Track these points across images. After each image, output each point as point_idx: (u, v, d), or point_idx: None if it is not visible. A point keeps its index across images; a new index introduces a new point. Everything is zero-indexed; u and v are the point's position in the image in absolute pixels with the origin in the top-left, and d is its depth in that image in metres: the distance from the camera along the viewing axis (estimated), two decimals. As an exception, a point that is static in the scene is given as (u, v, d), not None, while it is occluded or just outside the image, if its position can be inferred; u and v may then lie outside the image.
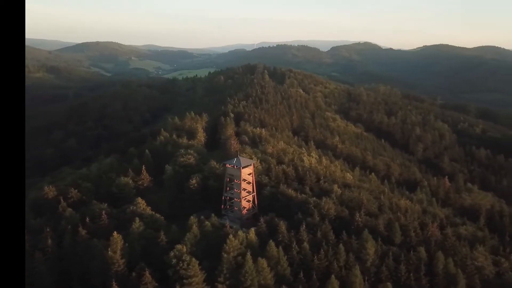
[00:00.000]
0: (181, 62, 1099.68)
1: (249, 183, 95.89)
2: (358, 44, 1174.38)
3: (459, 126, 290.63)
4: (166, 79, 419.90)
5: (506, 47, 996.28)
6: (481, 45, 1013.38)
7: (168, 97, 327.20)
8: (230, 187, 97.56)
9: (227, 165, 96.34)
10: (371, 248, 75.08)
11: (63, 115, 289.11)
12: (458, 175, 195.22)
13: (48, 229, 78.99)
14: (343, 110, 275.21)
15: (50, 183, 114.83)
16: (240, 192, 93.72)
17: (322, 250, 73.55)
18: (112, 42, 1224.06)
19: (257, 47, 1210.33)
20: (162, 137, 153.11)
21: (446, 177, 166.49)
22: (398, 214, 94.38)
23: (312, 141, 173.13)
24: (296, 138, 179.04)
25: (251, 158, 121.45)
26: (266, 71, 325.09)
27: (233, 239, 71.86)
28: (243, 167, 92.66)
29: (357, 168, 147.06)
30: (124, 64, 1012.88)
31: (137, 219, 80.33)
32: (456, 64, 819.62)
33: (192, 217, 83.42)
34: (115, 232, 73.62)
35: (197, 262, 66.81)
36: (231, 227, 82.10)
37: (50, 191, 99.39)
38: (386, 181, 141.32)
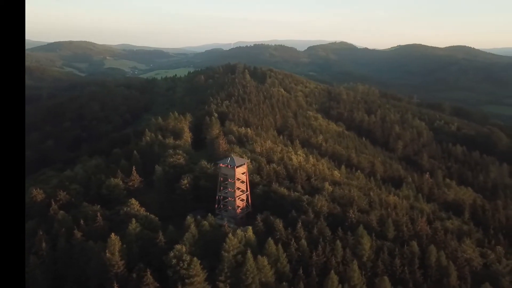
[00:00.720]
0: (157, 62, 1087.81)
1: (242, 182, 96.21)
2: (334, 43, 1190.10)
3: (435, 124, 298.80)
4: (145, 79, 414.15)
5: (476, 47, 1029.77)
6: (452, 45, 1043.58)
7: (147, 97, 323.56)
8: (224, 187, 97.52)
9: (221, 165, 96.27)
10: (366, 243, 76.76)
11: (38, 116, 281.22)
12: (437, 171, 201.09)
13: (41, 232, 77.14)
14: (324, 109, 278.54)
15: (33, 185, 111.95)
16: (235, 191, 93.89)
17: (320, 247, 74.60)
18: (85, 41, 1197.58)
19: (234, 47, 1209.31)
20: (147, 138, 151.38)
21: (428, 173, 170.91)
22: (389, 210, 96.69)
23: (297, 140, 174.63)
24: (281, 137, 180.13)
25: (242, 158, 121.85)
26: (247, 70, 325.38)
27: (232, 237, 72.06)
28: (237, 166, 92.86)
29: (343, 166, 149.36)
30: (99, 64, 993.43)
31: (133, 220, 79.42)
32: (430, 64, 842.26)
33: (188, 216, 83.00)
34: (112, 233, 72.57)
35: (199, 261, 66.56)
36: (229, 226, 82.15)
37: (38, 193, 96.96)
38: (372, 178, 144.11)
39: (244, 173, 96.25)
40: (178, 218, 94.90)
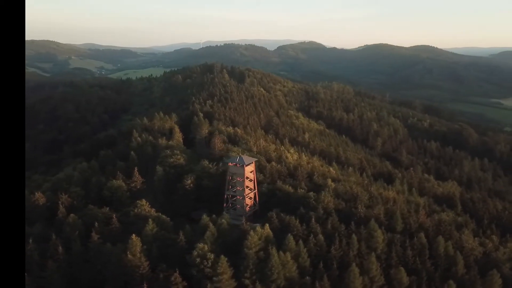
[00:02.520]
0: (125, 62, 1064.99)
1: (250, 180, 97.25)
2: (303, 43, 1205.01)
3: (409, 121, 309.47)
4: (119, 79, 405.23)
5: (439, 47, 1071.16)
6: (416, 44, 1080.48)
7: (124, 97, 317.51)
8: (232, 185, 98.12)
9: (230, 164, 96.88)
10: (380, 236, 79.69)
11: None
12: (417, 167, 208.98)
13: (54, 237, 75.27)
14: (304, 108, 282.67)
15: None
16: (244, 189, 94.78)
17: (337, 241, 76.81)
18: (48, 40, 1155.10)
19: (203, 46, 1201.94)
20: (138, 139, 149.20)
21: (411, 168, 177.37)
22: (390, 204, 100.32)
23: (286, 139, 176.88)
24: (269, 136, 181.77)
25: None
26: (225, 70, 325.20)
27: (254, 235, 73.04)
28: (246, 165, 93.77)
29: (334, 163, 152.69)
30: (64, 63, 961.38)
31: (150, 221, 78.98)
32: (396, 63, 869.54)
33: (204, 215, 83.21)
34: (133, 235, 71.85)
35: (226, 259, 67.16)
36: (245, 224, 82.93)
37: (40, 197, 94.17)
38: (364, 174, 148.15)
39: (252, 171, 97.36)
40: (181, 218, 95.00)
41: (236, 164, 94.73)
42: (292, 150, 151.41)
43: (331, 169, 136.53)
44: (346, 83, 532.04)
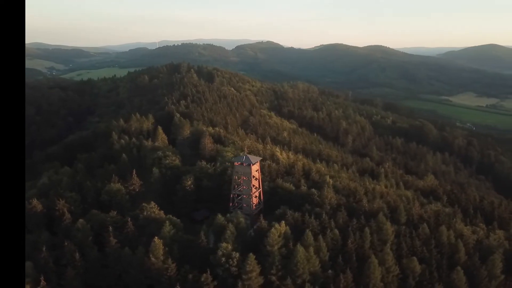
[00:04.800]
0: (77, 62, 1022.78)
1: (256, 179, 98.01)
2: (261, 43, 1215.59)
3: (373, 119, 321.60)
4: (81, 80, 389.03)
5: (391, 46, 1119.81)
6: (370, 44, 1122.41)
7: (88, 99, 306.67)
8: (238, 184, 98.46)
9: (236, 163, 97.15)
10: (389, 228, 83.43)
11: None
12: (389, 162, 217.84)
13: (67, 243, 72.42)
14: (275, 108, 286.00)
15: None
16: (251, 188, 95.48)
17: (352, 235, 79.61)
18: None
19: (160, 46, 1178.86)
20: (122, 141, 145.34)
21: (387, 164, 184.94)
22: (385, 198, 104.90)
23: (268, 138, 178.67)
24: (252, 135, 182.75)
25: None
26: (192, 70, 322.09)
27: (275, 232, 74.21)
28: (253, 164, 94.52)
29: (318, 161, 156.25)
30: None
31: (167, 223, 77.88)
32: (351, 62, 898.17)
33: (219, 215, 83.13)
34: (156, 237, 70.68)
35: (254, 256, 67.85)
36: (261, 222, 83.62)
37: (37, 204, 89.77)
38: (349, 170, 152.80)
39: (257, 170, 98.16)
40: (182, 219, 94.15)
41: (242, 164, 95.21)
42: (277, 149, 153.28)
43: (320, 166, 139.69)
44: (305, 82, 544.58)
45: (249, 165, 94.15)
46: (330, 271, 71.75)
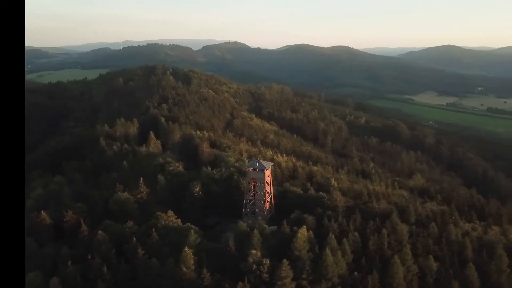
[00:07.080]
0: (36, 63, 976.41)
1: (268, 184, 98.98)
2: (228, 43, 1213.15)
3: (347, 119, 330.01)
4: (49, 83, 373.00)
5: (354, 47, 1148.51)
6: (334, 45, 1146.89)
7: (60, 103, 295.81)
8: (250, 190, 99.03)
9: (249, 169, 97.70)
10: (404, 228, 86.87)
11: None
12: (369, 162, 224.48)
13: (90, 256, 70.64)
14: (254, 110, 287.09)
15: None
16: (264, 194, 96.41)
17: (371, 236, 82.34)
18: None
19: (124, 46, 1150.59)
20: (114, 147, 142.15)
21: (372, 164, 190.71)
22: (390, 198, 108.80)
23: (258, 141, 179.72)
24: (241, 138, 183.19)
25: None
26: (168, 72, 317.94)
27: (301, 237, 75.60)
28: (266, 169, 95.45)
29: (310, 162, 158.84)
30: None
31: (192, 231, 77.46)
32: (317, 63, 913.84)
33: (241, 222, 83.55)
34: (186, 247, 70.25)
35: (287, 262, 68.91)
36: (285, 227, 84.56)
37: (46, 216, 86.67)
38: (342, 171, 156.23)
39: (269, 175, 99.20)
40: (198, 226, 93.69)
41: (255, 169, 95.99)
42: (271, 151, 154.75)
43: (319, 168, 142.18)
44: (276, 83, 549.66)
45: (262, 170, 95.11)
46: (356, 273, 73.98)
